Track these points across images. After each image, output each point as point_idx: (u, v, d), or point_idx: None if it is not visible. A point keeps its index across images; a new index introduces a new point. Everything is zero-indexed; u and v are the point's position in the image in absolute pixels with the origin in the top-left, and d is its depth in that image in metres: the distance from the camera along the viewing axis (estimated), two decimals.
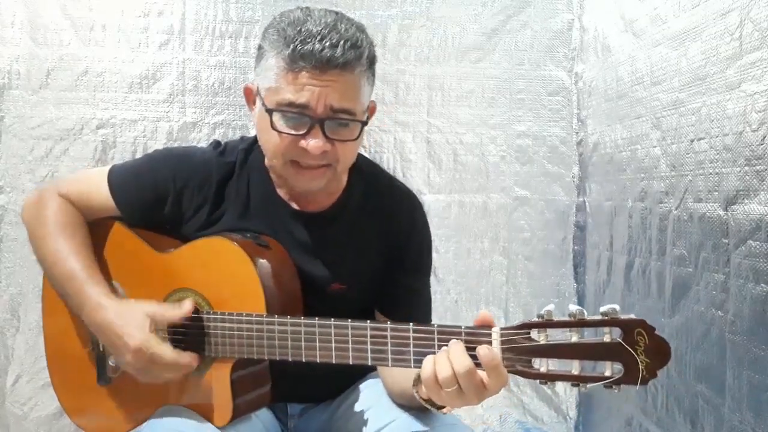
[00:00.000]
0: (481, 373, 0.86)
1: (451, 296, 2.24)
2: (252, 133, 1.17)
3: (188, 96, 2.14)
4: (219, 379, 1.06)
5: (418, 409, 1.05)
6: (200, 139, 2.14)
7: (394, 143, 2.24)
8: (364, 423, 1.14)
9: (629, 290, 1.81)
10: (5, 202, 2.09)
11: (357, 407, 1.18)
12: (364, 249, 1.17)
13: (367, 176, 1.21)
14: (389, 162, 2.21)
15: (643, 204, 1.71)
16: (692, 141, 1.45)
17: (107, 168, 1.21)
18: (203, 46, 2.15)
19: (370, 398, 1.19)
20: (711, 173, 1.37)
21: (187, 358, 1.03)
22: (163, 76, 2.14)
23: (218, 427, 1.06)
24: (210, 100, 2.15)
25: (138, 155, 2.01)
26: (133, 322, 1.03)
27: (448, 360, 0.86)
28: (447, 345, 0.89)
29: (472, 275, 2.26)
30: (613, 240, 1.95)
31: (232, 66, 2.16)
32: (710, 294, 1.36)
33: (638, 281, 1.74)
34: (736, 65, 1.27)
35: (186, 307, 1.05)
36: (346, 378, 1.26)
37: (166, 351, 1.01)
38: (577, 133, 2.26)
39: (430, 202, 2.22)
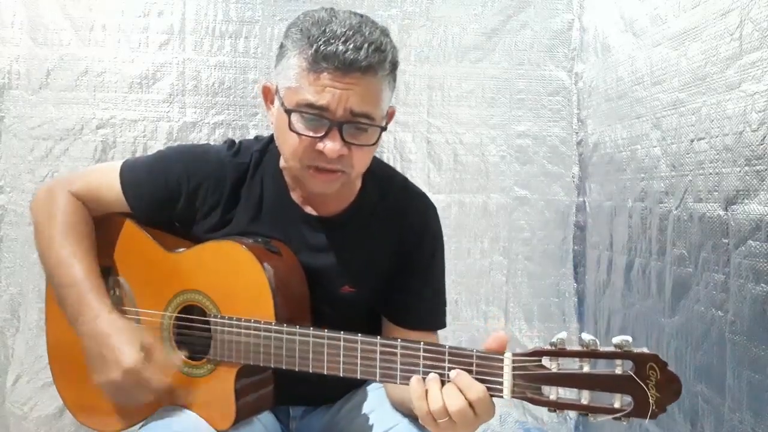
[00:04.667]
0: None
1: (451, 296, 2.19)
2: (251, 132, 1.17)
3: (188, 96, 2.14)
4: (223, 383, 1.06)
5: None
6: (200, 139, 2.14)
7: (394, 143, 2.24)
8: (366, 425, 1.13)
9: (629, 290, 1.81)
10: (5, 202, 2.09)
11: (359, 410, 1.18)
12: (375, 252, 1.16)
13: (381, 179, 1.20)
14: (389, 162, 2.21)
15: (643, 204, 1.71)
16: (692, 141, 1.45)
17: (119, 162, 1.19)
18: (203, 46, 2.15)
19: (373, 401, 1.18)
20: (711, 173, 1.37)
21: (168, 381, 1.06)
22: (163, 76, 2.14)
23: (219, 431, 1.06)
24: (210, 100, 2.15)
25: (138, 155, 2.01)
26: (130, 343, 1.03)
27: (441, 393, 0.87)
28: (456, 367, 0.89)
29: (472, 275, 2.26)
30: (613, 240, 1.95)
31: (232, 66, 2.16)
32: (710, 294, 1.36)
33: (638, 281, 1.74)
34: (736, 65, 1.27)
35: (177, 361, 1.07)
36: (349, 381, 1.25)
37: (155, 377, 1.03)
38: (577, 133, 2.26)
39: None
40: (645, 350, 0.81)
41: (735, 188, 1.27)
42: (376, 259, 1.16)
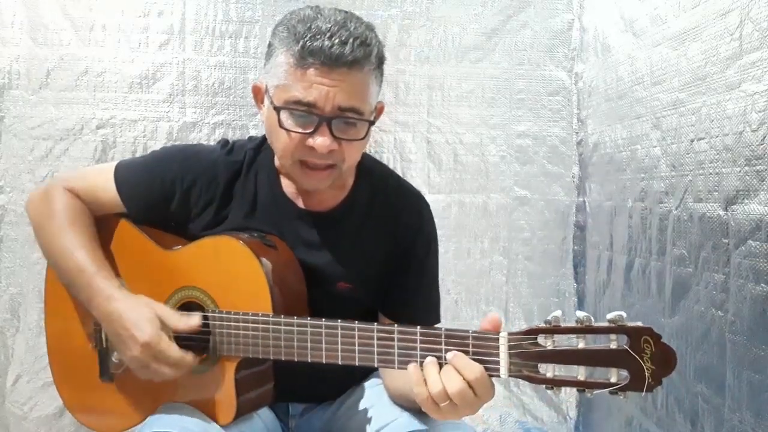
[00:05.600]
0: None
1: (451, 296, 2.23)
2: (251, 133, 1.17)
3: (188, 96, 2.14)
4: (223, 378, 1.06)
5: (419, 409, 1.05)
6: (200, 139, 2.14)
7: (394, 143, 2.24)
8: (366, 421, 1.14)
9: (629, 290, 1.81)
10: (5, 202, 2.09)
11: (358, 406, 1.18)
12: (370, 249, 1.17)
13: (375, 177, 1.21)
14: (389, 162, 2.21)
15: (643, 204, 1.71)
16: (692, 141, 1.45)
17: (114, 164, 1.21)
18: (203, 46, 2.15)
19: (372, 397, 1.19)
20: (711, 173, 1.37)
21: (190, 358, 1.04)
22: (163, 76, 2.13)
23: (221, 426, 1.06)
24: (210, 100, 2.15)
25: (138, 155, 2.01)
26: (144, 317, 1.03)
27: (439, 377, 0.88)
28: (453, 349, 0.89)
29: (472, 275, 2.26)
30: (613, 240, 1.95)
31: (232, 66, 2.15)
32: (710, 294, 1.36)
33: (638, 281, 1.74)
34: (736, 65, 1.27)
35: (194, 321, 1.05)
36: (348, 378, 1.26)
37: (172, 349, 1.02)
38: (577, 133, 2.26)
39: (430, 202, 2.16)
40: (639, 324, 0.82)
41: (735, 188, 1.27)
42: (371, 256, 1.17)
